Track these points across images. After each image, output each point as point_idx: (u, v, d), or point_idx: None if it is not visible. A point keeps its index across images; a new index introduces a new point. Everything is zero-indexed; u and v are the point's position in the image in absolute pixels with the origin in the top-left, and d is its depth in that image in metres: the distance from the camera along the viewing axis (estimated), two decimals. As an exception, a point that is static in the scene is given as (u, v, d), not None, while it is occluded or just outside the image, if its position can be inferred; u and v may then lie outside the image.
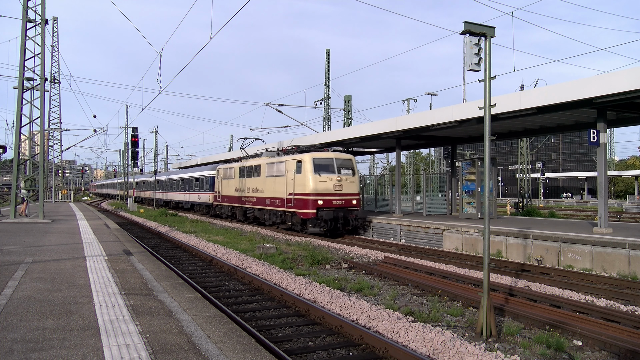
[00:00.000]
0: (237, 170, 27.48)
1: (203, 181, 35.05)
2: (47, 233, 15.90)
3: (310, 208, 19.25)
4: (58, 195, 56.92)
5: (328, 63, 48.34)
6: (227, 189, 28.79)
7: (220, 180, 30.22)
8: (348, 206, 19.89)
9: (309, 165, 19.63)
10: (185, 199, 39.74)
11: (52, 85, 50.47)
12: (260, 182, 23.97)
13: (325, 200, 19.33)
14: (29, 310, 6.01)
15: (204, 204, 35.02)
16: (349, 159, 20.93)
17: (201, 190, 35.33)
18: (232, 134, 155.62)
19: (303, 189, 19.61)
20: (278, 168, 22.09)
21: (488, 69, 7.05)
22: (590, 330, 7.15)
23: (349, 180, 20.12)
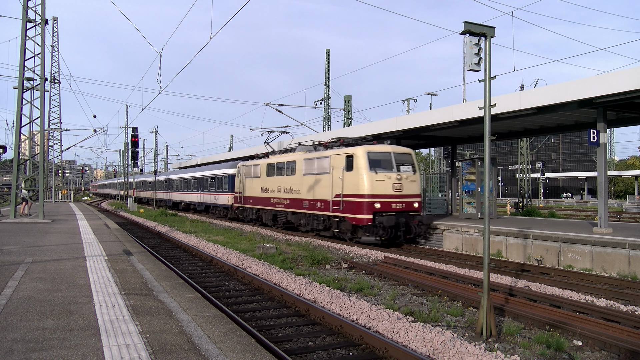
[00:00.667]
0: (263, 167, 24.16)
1: (221, 180, 31.32)
2: (47, 233, 15.90)
3: (365, 213, 16.05)
4: (58, 195, 56.92)
5: (328, 63, 48.34)
6: (251, 189, 25.42)
7: (242, 180, 26.80)
8: (409, 210, 16.82)
9: (362, 160, 16.41)
10: (198, 200, 36.08)
11: (52, 85, 50.50)
12: (295, 181, 20.58)
13: (383, 204, 16.15)
14: (29, 310, 6.01)
15: (221, 205, 31.43)
16: (408, 153, 17.63)
17: (218, 191, 31.68)
18: (232, 134, 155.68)
19: (356, 190, 16.42)
20: (320, 164, 18.81)
21: (488, 69, 7.05)
22: (590, 330, 7.15)
23: (409, 179, 16.95)
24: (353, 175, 16.68)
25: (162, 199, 47.61)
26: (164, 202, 46.61)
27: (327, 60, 48.31)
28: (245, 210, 26.86)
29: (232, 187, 29.10)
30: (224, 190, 30.51)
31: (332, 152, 18.33)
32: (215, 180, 32.40)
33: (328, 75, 48.25)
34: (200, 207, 36.06)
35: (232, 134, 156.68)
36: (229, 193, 29.58)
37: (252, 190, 25.45)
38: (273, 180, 22.93)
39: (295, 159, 21.04)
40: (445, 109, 17.89)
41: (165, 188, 46.00)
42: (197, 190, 36.37)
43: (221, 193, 31.10)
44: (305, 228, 20.38)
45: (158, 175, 51.72)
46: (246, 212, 26.75)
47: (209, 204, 33.78)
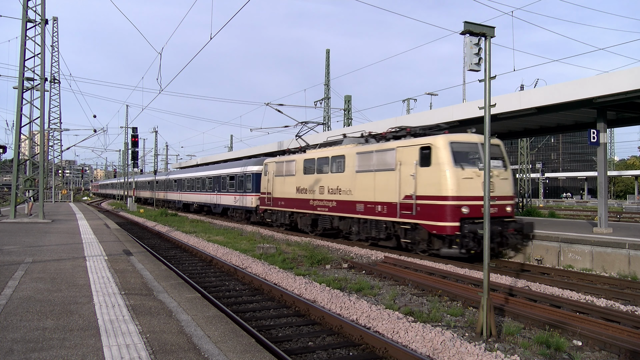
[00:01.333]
0: (300, 164, 20.77)
1: (243, 179, 27.63)
2: (47, 233, 15.90)
3: (450, 219, 12.87)
4: (58, 195, 56.93)
5: (328, 63, 48.35)
6: (283, 189, 21.99)
7: (270, 179, 23.32)
8: (502, 215, 13.63)
9: (444, 153, 13.21)
10: (214, 202, 32.34)
11: (52, 85, 50.50)
12: (344, 180, 17.41)
13: (472, 208, 12.98)
14: (29, 310, 6.01)
15: (242, 208, 27.64)
16: (497, 145, 14.40)
17: (239, 191, 27.99)
18: (232, 134, 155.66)
19: (436, 190, 13.24)
20: (381, 159, 15.54)
21: (488, 69, 7.05)
22: (590, 330, 7.15)
23: (501, 177, 13.82)
24: (431, 172, 13.42)
25: (171, 199, 44.14)
26: (173, 203, 43.31)
27: (327, 60, 48.31)
28: (274, 213, 23.33)
29: (256, 187, 25.64)
30: (247, 191, 26.90)
31: (398, 143, 15.01)
32: (236, 180, 28.65)
33: (328, 75, 48.26)
34: (217, 209, 32.25)
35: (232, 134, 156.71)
36: (253, 194, 26.09)
37: (284, 190, 22.02)
38: (313, 178, 19.62)
39: (344, 153, 17.72)
40: (446, 109, 17.89)
41: (176, 188, 42.40)
42: (213, 190, 32.76)
43: (243, 194, 27.49)
44: (357, 237, 17.16)
45: (167, 174, 47.61)
46: (276, 216, 23.17)
47: (228, 206, 30.10)
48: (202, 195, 35.04)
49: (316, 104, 39.80)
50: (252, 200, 26.28)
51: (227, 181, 30.04)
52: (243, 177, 27.76)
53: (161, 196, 47.75)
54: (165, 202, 46.25)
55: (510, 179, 14.29)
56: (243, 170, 27.92)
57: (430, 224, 13.39)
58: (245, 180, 27.44)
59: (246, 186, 27.18)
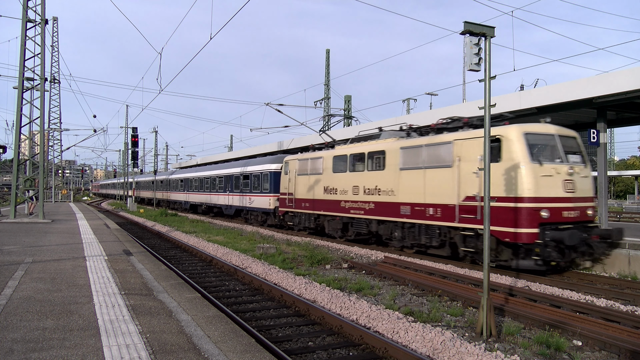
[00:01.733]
0: (328, 161, 18.54)
1: (259, 179, 25.46)
2: (47, 233, 15.90)
3: (526, 225, 10.94)
4: (58, 195, 56.95)
5: (328, 63, 48.39)
6: (308, 189, 19.71)
7: (292, 178, 21.04)
8: (584, 220, 11.75)
9: (518, 146, 11.31)
10: (226, 203, 30.04)
11: (52, 85, 50.54)
12: (385, 179, 15.33)
13: (552, 211, 11.10)
14: (29, 310, 6.01)
15: (258, 210, 25.49)
16: (573, 137, 12.49)
17: (254, 192, 25.86)
18: (232, 134, 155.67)
19: (508, 190, 11.34)
20: (434, 154, 13.47)
21: (488, 69, 7.05)
22: (590, 330, 7.15)
23: (581, 174, 11.93)
24: (502, 169, 11.46)
25: (176, 200, 41.92)
26: (179, 204, 41.27)
27: (327, 60, 48.35)
28: (297, 216, 20.95)
29: (274, 187, 23.56)
30: (264, 191, 24.63)
31: (455, 135, 12.94)
32: (251, 179, 26.34)
33: (328, 75, 48.30)
34: (229, 210, 29.75)
35: (232, 134, 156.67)
36: (270, 194, 23.86)
37: (308, 190, 19.71)
38: (345, 177, 17.46)
39: (384, 149, 15.58)
40: (445, 109, 17.89)
41: (182, 188, 40.05)
42: (224, 190, 30.33)
43: (259, 194, 25.19)
44: (401, 243, 15.17)
45: (171, 173, 45.35)
46: (299, 219, 20.82)
47: (241, 208, 27.72)
48: (211, 195, 32.84)
49: (316, 104, 39.76)
50: (270, 202, 23.94)
51: (241, 181, 27.73)
52: (259, 176, 25.40)
53: (165, 196, 45.76)
54: (170, 203, 44.36)
55: (591, 177, 12.35)
56: (259, 168, 25.52)
57: (501, 230, 11.28)
58: (262, 179, 25.08)
59: (263, 186, 24.84)
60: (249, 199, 26.56)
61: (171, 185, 43.71)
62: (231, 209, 29.31)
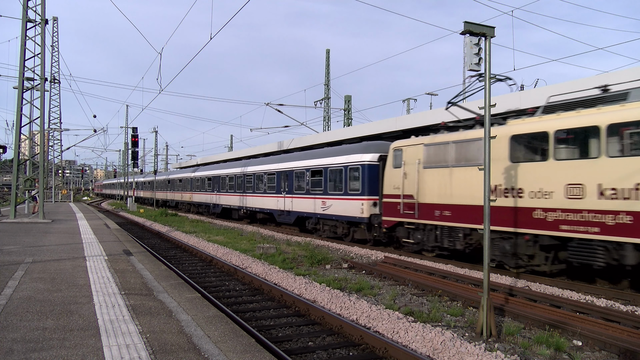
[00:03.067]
0: (502, 142, 11.62)
1: (342, 175, 18.58)
2: (47, 233, 15.90)
3: None
4: (58, 196, 56.96)
5: (328, 63, 48.38)
6: (446, 188, 13.30)
7: (411, 172, 14.47)
8: None
9: None
10: (280, 207, 22.99)
11: (52, 85, 50.54)
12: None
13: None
14: (29, 310, 6.02)
15: (339, 218, 18.57)
16: None
17: (333, 192, 18.94)
18: (232, 134, 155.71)
19: None
20: None
21: (488, 69, 7.05)
22: (590, 330, 7.15)
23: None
24: None
25: (201, 202, 35.41)
26: (205, 207, 35.08)
27: (327, 60, 48.35)
28: (420, 230, 14.32)
29: (369, 187, 17.11)
30: (351, 192, 17.81)
31: None
32: (326, 176, 19.46)
33: (328, 75, 48.30)
34: (285, 217, 22.71)
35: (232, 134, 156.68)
36: (363, 197, 17.17)
37: (447, 190, 13.19)
38: (544, 169, 10.82)
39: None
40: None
41: (210, 188, 33.20)
42: (276, 191, 23.60)
43: (341, 196, 18.41)
44: None
45: (196, 170, 37.81)
46: (425, 235, 14.21)
47: (309, 214, 20.59)
48: (255, 197, 25.88)
49: (316, 104, 39.78)
50: (363, 207, 17.11)
51: (307, 178, 20.78)
52: (342, 171, 18.47)
53: (184, 198, 39.29)
54: (192, 206, 38.32)
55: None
56: (341, 161, 18.74)
57: None
58: (347, 175, 18.20)
59: (349, 185, 18.04)
60: (321, 202, 19.56)
61: (194, 184, 36.75)
62: (289, 215, 22.26)
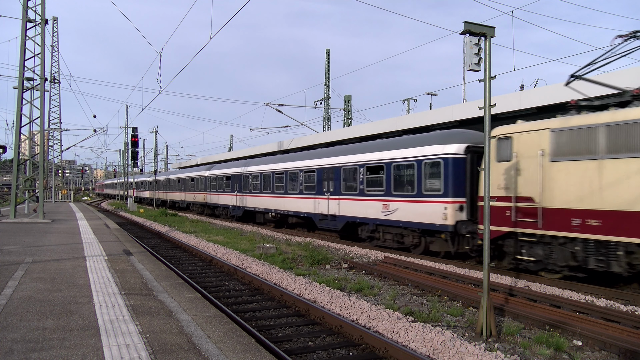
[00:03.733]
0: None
1: (415, 171, 14.74)
2: (47, 233, 15.90)
3: None
4: (58, 195, 56.95)
5: (328, 63, 48.39)
6: (589, 189, 9.78)
7: (531, 167, 11.04)
8: None
9: None
10: (324, 211, 19.16)
11: (52, 85, 50.54)
12: None
13: None
14: (29, 310, 6.01)
15: (411, 225, 14.75)
16: None
17: (401, 194, 15.14)
18: (232, 134, 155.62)
19: None
20: None
21: (488, 69, 7.05)
22: (590, 330, 7.15)
23: None
24: None
25: (215, 204, 31.76)
26: (221, 209, 31.36)
27: (327, 60, 48.36)
28: (544, 244, 10.90)
29: (454, 187, 13.48)
30: (428, 193, 14.12)
31: None
32: (389, 172, 15.69)
33: (328, 75, 48.30)
34: (330, 223, 18.89)
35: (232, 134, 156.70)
36: (446, 199, 13.54)
37: (594, 193, 9.72)
38: None
39: None
40: (445, 109, 17.90)
41: (229, 188, 29.41)
42: (314, 192, 19.82)
43: (411, 199, 14.69)
44: None
45: (211, 168, 33.57)
46: (549, 250, 10.80)
47: (364, 220, 16.88)
48: (287, 199, 22.17)
49: (316, 104, 39.80)
50: (446, 212, 13.47)
51: (361, 176, 17.02)
52: (415, 166, 14.66)
53: (196, 198, 35.62)
54: (205, 207, 34.63)
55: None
56: (413, 154, 14.82)
57: None
58: (422, 172, 14.35)
59: (424, 184, 14.29)
60: (382, 206, 15.83)
61: (209, 184, 32.86)
62: (335, 220, 18.48)
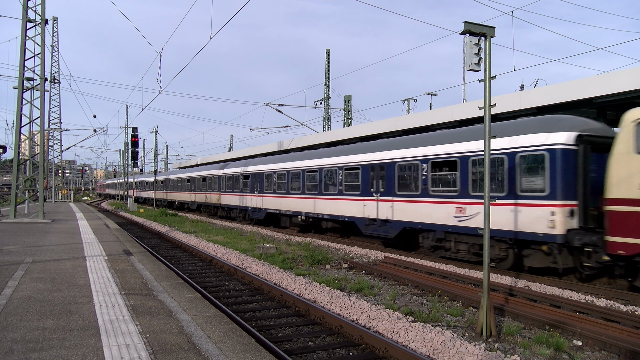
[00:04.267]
0: None
1: (504, 167, 11.83)
2: (47, 233, 15.89)
3: None
4: (58, 196, 56.94)
5: (328, 63, 48.38)
6: None
7: None
8: None
9: None
10: (380, 215, 15.99)
11: (52, 85, 50.53)
12: None
13: None
14: (28, 310, 6.01)
15: (505, 234, 11.68)
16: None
17: (476, 195, 12.54)
18: (232, 134, 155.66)
19: None
20: None
21: (488, 69, 7.05)
22: (590, 330, 7.15)
23: None
24: None
25: (231, 205, 28.40)
26: (238, 210, 28.05)
27: (327, 60, 48.34)
28: None
29: (563, 186, 10.73)
30: (523, 195, 11.44)
31: None
32: (464, 169, 12.95)
33: (328, 75, 48.29)
34: (381, 229, 15.98)
35: (232, 134, 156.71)
36: (550, 202, 10.81)
37: None
38: None
39: None
40: (445, 109, 17.89)
41: (247, 188, 26.21)
42: (359, 193, 17.03)
43: (502, 201, 11.74)
44: None
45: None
46: None
47: (423, 226, 14.11)
48: (323, 201, 19.12)
49: (316, 104, 39.79)
50: (554, 219, 10.67)
51: (424, 173, 14.13)
52: (505, 160, 11.84)
53: (208, 199, 31.34)
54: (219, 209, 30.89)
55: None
56: (503, 145, 11.93)
57: None
58: (517, 167, 11.60)
59: (521, 183, 11.51)
60: (455, 209, 13.03)
61: (223, 183, 29.59)
62: (387, 225, 15.58)
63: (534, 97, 14.83)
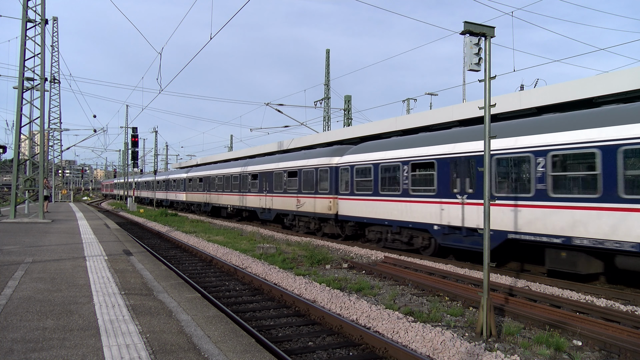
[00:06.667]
0: None
1: None
2: (47, 233, 15.89)
3: None
4: (58, 196, 56.94)
5: (328, 63, 48.36)
6: None
7: None
8: None
9: None
10: (466, 222, 12.31)
11: (52, 85, 50.52)
12: None
13: None
14: (29, 310, 6.01)
15: None
16: None
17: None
18: (232, 134, 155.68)
19: None
20: None
21: (488, 69, 7.05)
22: (590, 330, 7.14)
23: None
24: None
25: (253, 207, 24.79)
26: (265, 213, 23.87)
27: (327, 60, 48.32)
28: None
29: None
30: None
31: None
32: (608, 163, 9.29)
33: (328, 75, 48.27)
34: (467, 238, 12.56)
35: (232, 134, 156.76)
36: None
37: None
38: None
39: None
40: (445, 109, 17.90)
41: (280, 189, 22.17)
42: (433, 194, 13.53)
43: None
44: None
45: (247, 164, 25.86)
46: None
47: (542, 240, 10.54)
48: (391, 203, 15.17)
49: (316, 104, 39.77)
50: None
51: (543, 169, 10.52)
52: None
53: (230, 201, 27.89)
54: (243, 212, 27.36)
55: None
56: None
57: None
58: None
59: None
60: None
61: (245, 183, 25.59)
62: (478, 235, 12.16)
63: (534, 97, 14.83)
